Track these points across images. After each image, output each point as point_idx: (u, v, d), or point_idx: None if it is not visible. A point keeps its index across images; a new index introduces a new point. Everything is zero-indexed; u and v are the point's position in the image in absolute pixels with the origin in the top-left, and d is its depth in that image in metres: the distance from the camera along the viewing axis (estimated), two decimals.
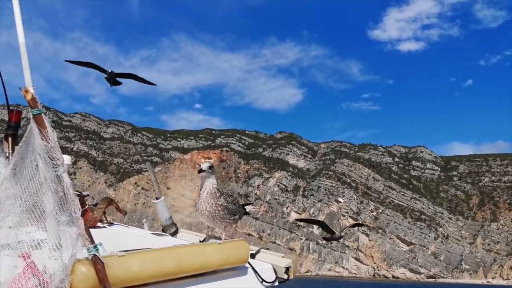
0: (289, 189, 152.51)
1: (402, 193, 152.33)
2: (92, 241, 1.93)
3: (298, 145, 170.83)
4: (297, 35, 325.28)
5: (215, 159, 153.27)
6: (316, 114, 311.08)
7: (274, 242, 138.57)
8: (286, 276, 3.39)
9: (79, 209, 1.92)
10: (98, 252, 1.93)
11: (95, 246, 1.93)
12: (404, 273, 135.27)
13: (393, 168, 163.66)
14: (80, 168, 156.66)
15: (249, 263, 3.11)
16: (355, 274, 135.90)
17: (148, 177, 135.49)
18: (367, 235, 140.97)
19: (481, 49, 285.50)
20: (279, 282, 3.32)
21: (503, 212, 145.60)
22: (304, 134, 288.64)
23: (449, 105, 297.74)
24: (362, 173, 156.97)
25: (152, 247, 2.56)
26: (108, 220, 4.06)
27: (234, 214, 3.20)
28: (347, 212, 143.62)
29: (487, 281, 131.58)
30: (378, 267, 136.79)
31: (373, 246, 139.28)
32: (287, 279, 3.39)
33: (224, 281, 2.85)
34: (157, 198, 4.26)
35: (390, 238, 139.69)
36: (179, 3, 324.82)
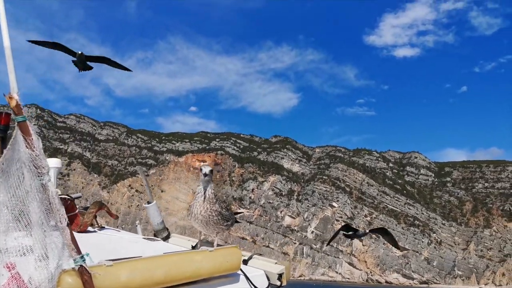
0: (284, 193, 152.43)
1: (396, 199, 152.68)
2: (79, 252, 1.87)
3: (293, 149, 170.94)
4: (293, 40, 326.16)
5: (210, 162, 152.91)
6: (311, 119, 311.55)
7: (268, 246, 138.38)
8: (279, 283, 3.35)
9: (65, 219, 1.86)
10: (85, 263, 1.87)
11: (82, 257, 1.87)
12: (397, 279, 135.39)
13: (387, 174, 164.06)
14: (74, 170, 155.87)
15: (242, 270, 3.06)
16: (349, 279, 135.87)
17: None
18: (361, 240, 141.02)
19: (476, 56, 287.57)
20: None
21: (496, 219, 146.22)
22: (299, 138, 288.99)
23: (444, 111, 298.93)
24: (357, 178, 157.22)
25: (142, 255, 2.49)
26: (99, 224, 4.00)
27: (227, 220, 3.16)
28: (341, 217, 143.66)
29: (480, 287, 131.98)
30: (371, 272, 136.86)
31: (367, 251, 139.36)
32: (280, 286, 3.35)
33: None
34: (149, 202, 4.20)
35: (384, 243, 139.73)
36: (176, 6, 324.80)
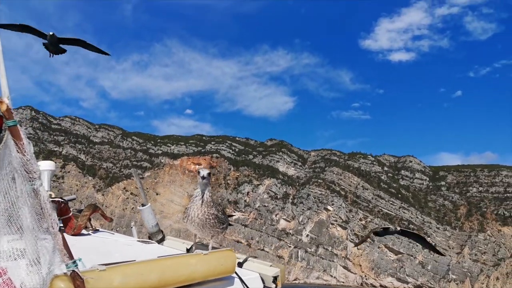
0: (279, 197, 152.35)
1: (391, 202, 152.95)
2: (71, 256, 1.85)
3: (288, 153, 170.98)
4: (289, 43, 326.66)
5: (205, 165, 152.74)
6: (307, 122, 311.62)
7: (263, 250, 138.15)
8: (274, 286, 3.34)
9: (57, 224, 1.84)
10: (77, 268, 1.86)
11: (74, 262, 1.85)
12: (392, 282, 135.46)
13: (382, 177, 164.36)
14: (69, 172, 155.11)
15: (236, 273, 3.05)
16: (343, 283, 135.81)
17: None
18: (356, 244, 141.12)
19: (471, 61, 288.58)
20: None
21: (490, 223, 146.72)
22: (295, 142, 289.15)
23: (438, 116, 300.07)
24: (352, 182, 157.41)
25: (137, 258, 2.49)
26: (93, 227, 3.99)
27: (223, 223, 3.16)
28: (336, 221, 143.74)
29: None
30: (366, 276, 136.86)
31: (361, 255, 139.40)
32: None
33: None
34: (143, 205, 4.19)
35: (378, 247, 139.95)
36: (172, 9, 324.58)
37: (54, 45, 5.63)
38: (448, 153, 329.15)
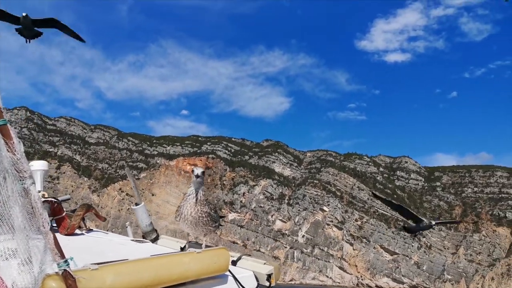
0: (275, 197, 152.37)
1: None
2: (63, 256, 1.84)
3: (284, 153, 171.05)
4: (285, 44, 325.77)
5: (201, 166, 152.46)
6: (303, 123, 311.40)
7: (259, 250, 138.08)
8: (268, 284, 3.34)
9: (48, 223, 1.82)
10: (69, 267, 1.84)
11: (66, 261, 1.83)
12: (387, 283, 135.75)
13: (378, 178, 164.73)
14: (64, 173, 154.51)
15: (230, 271, 3.06)
16: (339, 283, 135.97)
17: None
18: (351, 244, 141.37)
19: (466, 62, 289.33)
20: None
21: (485, 223, 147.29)
22: (290, 143, 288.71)
23: (434, 116, 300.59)
24: (347, 182, 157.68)
25: (130, 257, 2.47)
26: (87, 227, 3.98)
27: (215, 222, 3.18)
28: (332, 221, 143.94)
29: None
30: (362, 276, 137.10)
31: (357, 255, 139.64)
32: (269, 287, 3.34)
33: None
34: (137, 204, 4.18)
35: (374, 248, 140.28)
36: (168, 10, 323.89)
37: (29, 28, 5.18)
38: (443, 154, 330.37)
